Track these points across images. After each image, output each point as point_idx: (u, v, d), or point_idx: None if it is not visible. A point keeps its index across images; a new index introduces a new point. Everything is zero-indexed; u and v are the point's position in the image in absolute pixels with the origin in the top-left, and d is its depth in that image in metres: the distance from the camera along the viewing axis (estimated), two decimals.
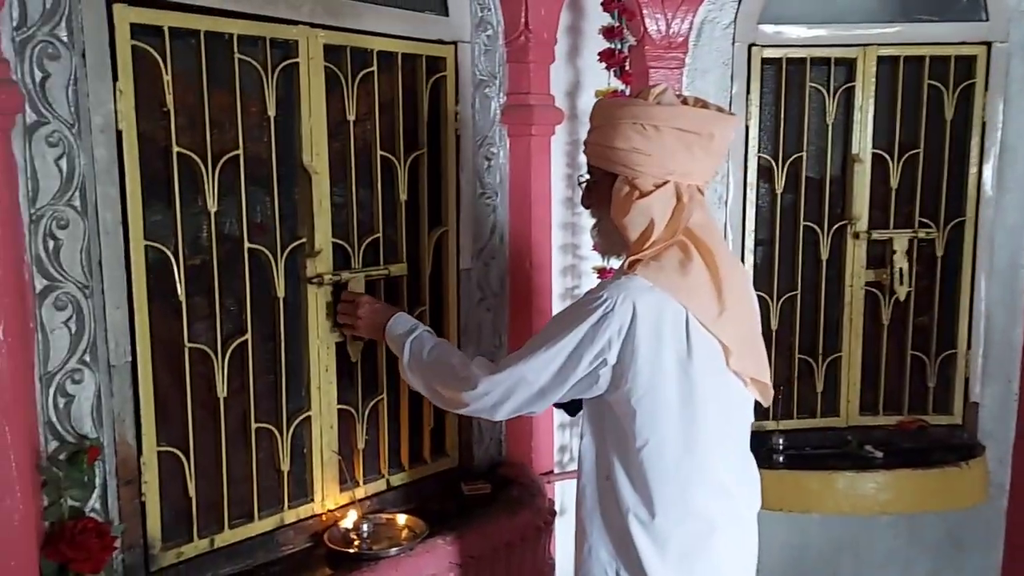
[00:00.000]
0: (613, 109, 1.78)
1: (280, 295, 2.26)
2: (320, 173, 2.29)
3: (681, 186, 1.73)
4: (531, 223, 2.86)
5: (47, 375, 1.86)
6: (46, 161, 1.82)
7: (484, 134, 2.77)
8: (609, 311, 1.67)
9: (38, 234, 1.82)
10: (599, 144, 1.79)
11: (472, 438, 2.84)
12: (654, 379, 1.67)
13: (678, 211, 1.73)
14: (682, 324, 1.69)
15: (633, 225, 1.73)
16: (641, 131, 1.71)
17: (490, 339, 2.86)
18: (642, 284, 1.68)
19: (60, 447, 1.89)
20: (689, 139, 1.72)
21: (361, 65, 2.40)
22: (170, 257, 2.04)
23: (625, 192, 1.74)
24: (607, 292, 1.69)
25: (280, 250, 2.25)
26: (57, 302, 1.86)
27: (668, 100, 1.74)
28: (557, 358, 1.71)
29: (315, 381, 2.36)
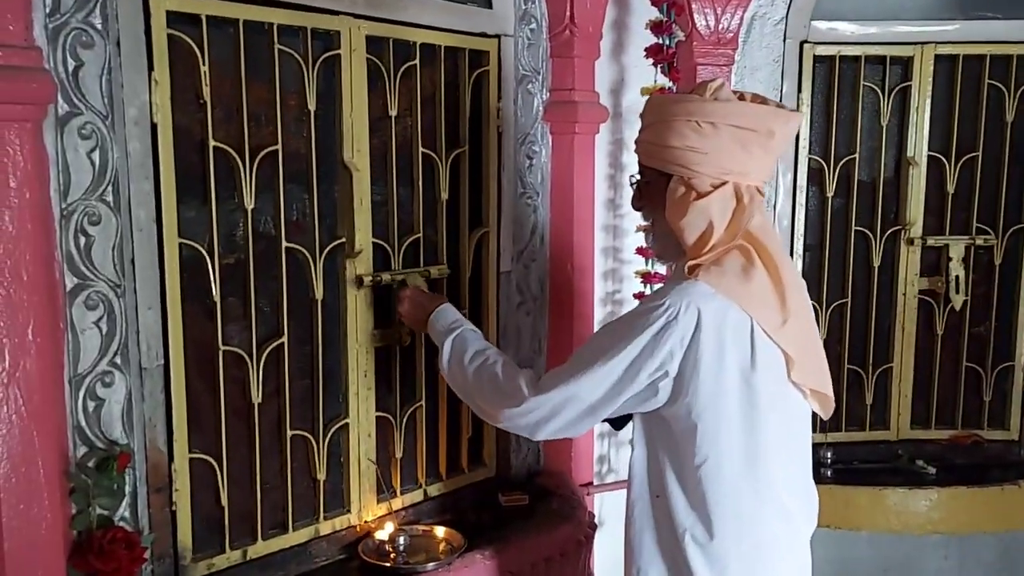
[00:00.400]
0: (667, 105, 1.67)
1: (318, 297, 2.17)
2: (361, 170, 2.19)
3: (740, 187, 1.62)
4: (573, 224, 2.76)
5: (77, 377, 1.78)
6: (78, 154, 1.74)
7: (526, 132, 2.66)
8: (672, 319, 1.56)
9: (69, 230, 1.74)
10: (652, 143, 1.68)
11: (510, 447, 2.74)
12: (717, 391, 1.56)
13: (738, 213, 1.62)
14: (746, 332, 1.58)
15: (691, 227, 1.62)
16: (697, 128, 1.60)
17: (529, 344, 2.75)
18: (705, 290, 1.58)
19: (89, 453, 1.81)
20: (747, 137, 1.61)
21: (403, 58, 2.30)
22: (204, 256, 1.96)
23: (681, 193, 1.63)
24: (669, 299, 1.58)
25: (318, 250, 2.16)
26: (88, 301, 1.78)
27: (725, 96, 1.63)
28: (614, 372, 1.60)
29: (353, 387, 2.26)
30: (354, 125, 2.19)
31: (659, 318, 1.57)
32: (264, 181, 2.05)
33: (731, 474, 1.60)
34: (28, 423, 1.64)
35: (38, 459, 1.66)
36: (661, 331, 1.56)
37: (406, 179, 2.36)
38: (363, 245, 2.21)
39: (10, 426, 1.61)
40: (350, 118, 2.18)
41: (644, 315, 1.60)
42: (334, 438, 2.25)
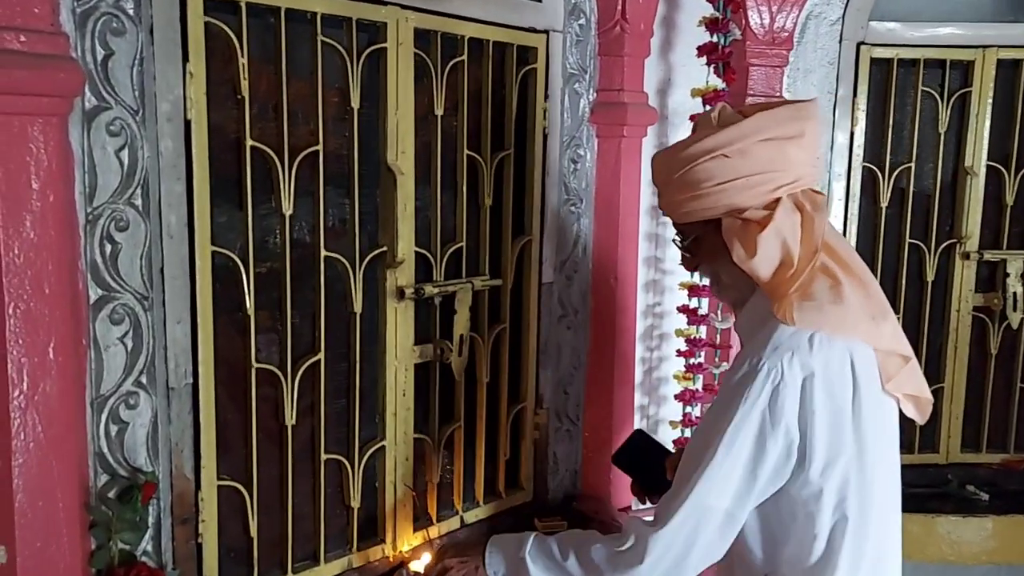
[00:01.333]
0: (678, 156, 1.47)
1: (356, 310, 2.01)
2: (405, 173, 2.03)
3: (796, 196, 1.45)
4: (617, 234, 2.60)
5: (99, 399, 1.61)
6: (106, 153, 1.57)
7: (572, 134, 2.50)
8: (779, 380, 1.36)
9: (94, 236, 1.57)
10: (683, 199, 1.48)
11: (547, 468, 2.58)
12: (837, 443, 1.39)
13: (807, 225, 1.45)
14: (847, 364, 1.42)
15: (766, 261, 1.42)
16: (725, 160, 1.42)
17: (569, 360, 2.60)
18: (802, 336, 1.38)
19: (111, 482, 1.64)
20: (780, 145, 1.44)
21: (451, 53, 2.14)
22: (239, 265, 1.80)
23: (738, 228, 1.44)
24: (765, 358, 1.37)
25: (358, 259, 1.99)
26: (113, 315, 1.61)
27: (731, 116, 1.47)
28: (738, 462, 1.37)
29: (391, 407, 2.10)
30: (399, 124, 2.02)
31: (765, 384, 1.36)
32: (303, 184, 1.89)
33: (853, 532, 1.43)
34: (47, 452, 1.48)
35: (57, 491, 1.50)
36: (774, 396, 1.36)
37: (449, 183, 2.20)
38: (405, 254, 2.05)
39: (27, 455, 1.45)
40: (395, 117, 2.01)
41: (745, 384, 1.38)
42: (369, 462, 2.09)
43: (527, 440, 2.50)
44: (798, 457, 1.38)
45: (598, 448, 2.67)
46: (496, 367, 2.38)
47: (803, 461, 1.38)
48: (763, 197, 1.42)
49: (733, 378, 1.42)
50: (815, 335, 1.38)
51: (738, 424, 1.36)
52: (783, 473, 1.38)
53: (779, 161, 1.43)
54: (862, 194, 2.94)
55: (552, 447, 2.59)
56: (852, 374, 1.41)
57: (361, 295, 2.00)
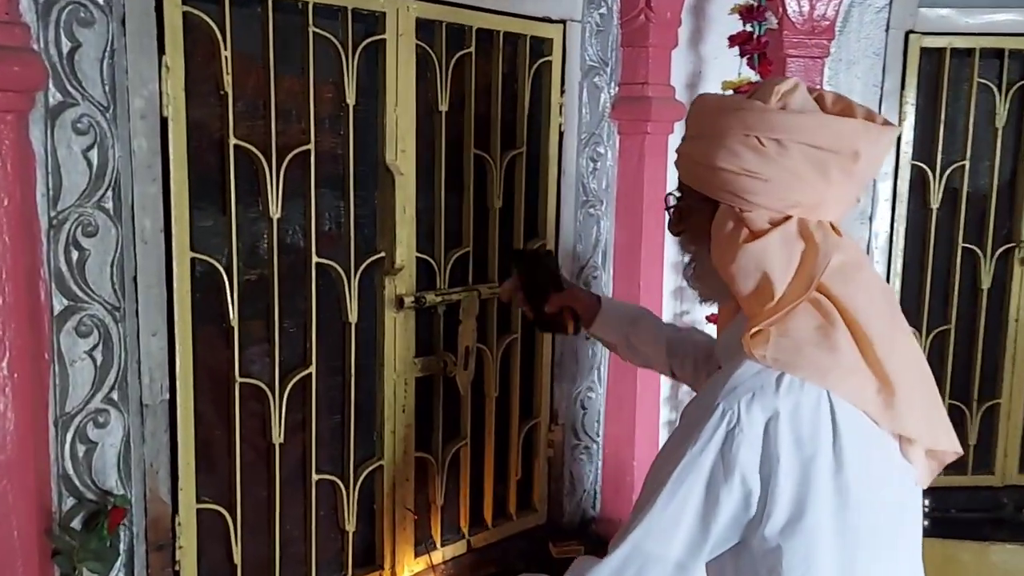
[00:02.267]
0: (718, 115, 1.24)
1: (351, 320, 1.87)
2: (405, 174, 1.89)
3: (808, 223, 1.22)
4: (641, 237, 2.43)
5: (64, 417, 1.50)
6: (72, 152, 1.46)
7: (591, 131, 2.34)
8: (734, 424, 1.16)
9: (59, 242, 1.46)
10: (696, 161, 1.27)
11: (563, 489, 2.43)
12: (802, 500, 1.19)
13: (808, 257, 1.21)
14: (827, 417, 1.20)
15: (742, 276, 1.21)
16: (757, 147, 1.19)
17: (587, 375, 2.43)
18: (767, 376, 1.17)
19: (77, 506, 1.53)
20: (825, 159, 1.20)
21: (456, 46, 2.00)
22: (221, 272, 1.68)
23: (729, 229, 1.23)
24: (721, 398, 1.17)
25: (353, 266, 1.86)
26: (80, 327, 1.50)
27: (798, 103, 1.23)
28: (685, 510, 1.18)
29: (389, 424, 1.97)
30: (399, 122, 1.89)
31: (717, 428, 1.16)
32: (293, 186, 1.76)
33: None
34: (2, 475, 1.37)
35: (12, 519, 1.39)
36: (727, 444, 1.16)
37: (455, 184, 2.06)
38: (405, 260, 1.91)
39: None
40: (394, 114, 1.88)
41: (695, 429, 1.18)
42: (366, 483, 1.96)
43: (540, 458, 2.35)
44: (757, 509, 1.19)
45: (619, 467, 2.51)
46: (506, 381, 2.23)
47: (761, 514, 1.19)
48: (774, 207, 1.20)
49: (691, 416, 1.21)
50: (784, 376, 1.15)
51: (686, 468, 1.16)
52: (741, 524, 1.19)
53: (815, 178, 1.19)
54: (911, 195, 2.73)
55: (568, 466, 2.43)
56: (832, 418, 1.20)
57: (356, 304, 1.87)
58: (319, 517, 1.89)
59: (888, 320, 1.24)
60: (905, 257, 2.75)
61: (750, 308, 1.22)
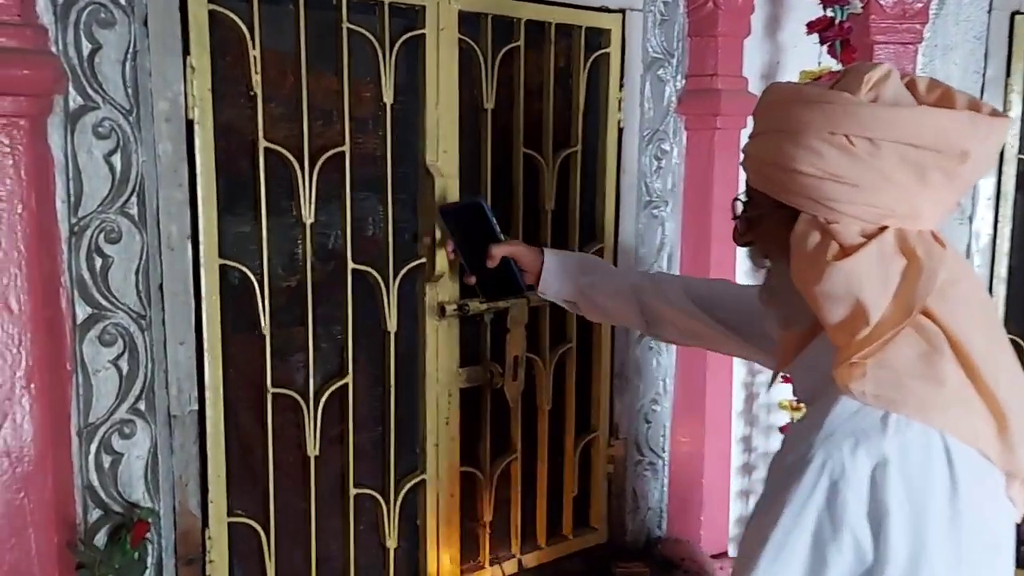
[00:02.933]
0: (797, 108, 1.07)
1: (390, 328, 1.79)
2: (446, 175, 1.79)
3: (908, 234, 1.05)
4: (711, 241, 2.26)
5: (89, 428, 1.47)
6: (93, 157, 1.43)
7: (654, 127, 2.19)
8: (839, 476, 1.01)
9: (80, 250, 1.43)
10: (770, 162, 1.09)
11: (625, 506, 2.29)
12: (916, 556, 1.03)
13: (911, 276, 1.03)
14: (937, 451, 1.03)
15: (830, 299, 1.04)
16: (844, 147, 1.03)
17: (651, 387, 2.29)
18: (870, 417, 1.01)
19: (103, 519, 1.50)
20: (924, 160, 1.03)
21: (504, 39, 1.89)
22: (252, 280, 1.62)
23: (814, 243, 1.05)
24: (818, 445, 1.02)
25: (392, 272, 1.78)
26: (104, 336, 1.47)
27: (892, 94, 1.05)
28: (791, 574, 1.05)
29: (431, 436, 1.88)
30: (440, 121, 1.79)
31: (817, 481, 1.01)
32: (328, 189, 1.69)
33: None
34: (20, 488, 1.35)
35: (30, 530, 1.36)
36: (831, 498, 1.01)
37: (503, 186, 1.95)
38: (446, 266, 1.81)
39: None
40: (435, 113, 1.79)
41: (794, 485, 1.03)
42: (408, 498, 1.87)
43: (599, 474, 2.21)
44: (872, 558, 1.03)
45: (687, 485, 2.35)
46: (560, 392, 2.11)
47: (874, 566, 1.03)
48: (864, 217, 1.03)
49: (781, 465, 1.06)
50: (890, 416, 0.99)
51: (785, 531, 1.01)
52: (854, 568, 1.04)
53: (910, 182, 1.03)
54: (1017, 192, 2.46)
55: (631, 483, 2.29)
56: (947, 461, 1.03)
57: (396, 312, 1.79)
58: (358, 532, 1.82)
59: (989, 337, 1.07)
60: (1011, 260, 2.48)
61: (839, 336, 1.05)
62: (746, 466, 2.48)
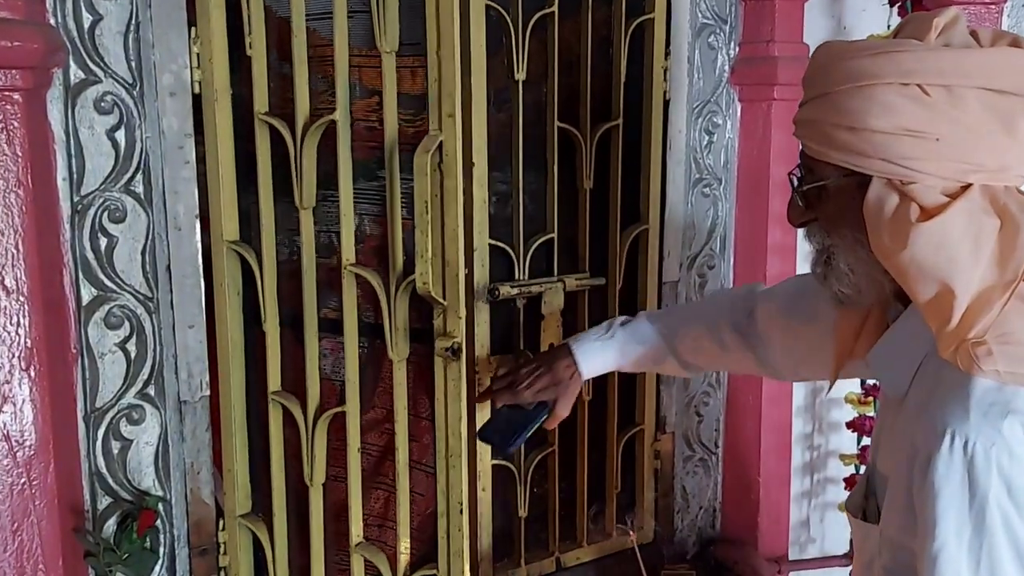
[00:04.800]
0: (857, 61, 0.97)
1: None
2: (476, 150, 1.69)
3: (997, 192, 0.95)
4: (767, 221, 2.10)
5: (96, 413, 1.44)
6: (95, 133, 1.38)
7: (704, 99, 2.04)
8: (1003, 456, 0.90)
9: (83, 229, 1.39)
10: (834, 124, 0.99)
11: (673, 503, 2.15)
12: None
13: (1007, 238, 0.93)
14: None
15: (919, 268, 0.94)
16: (919, 98, 0.93)
17: (703, 378, 2.14)
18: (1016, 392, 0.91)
19: (113, 506, 1.47)
20: (1010, 108, 0.94)
21: (536, 5, 1.77)
22: (265, 262, 1.56)
23: (893, 207, 0.95)
24: (976, 433, 0.91)
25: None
26: (110, 318, 1.43)
27: (963, 39, 0.96)
28: None
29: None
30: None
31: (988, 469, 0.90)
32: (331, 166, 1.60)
33: None
34: (22, 472, 1.31)
35: (33, 519, 1.33)
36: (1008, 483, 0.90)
37: (536, 163, 1.83)
38: (474, 248, 1.71)
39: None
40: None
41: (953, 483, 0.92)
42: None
43: (645, 470, 2.08)
44: None
45: (742, 483, 2.20)
46: (602, 383, 1.98)
47: None
48: (947, 174, 0.94)
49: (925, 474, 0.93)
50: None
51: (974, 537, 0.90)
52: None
53: (997, 131, 0.94)
54: None
55: (680, 479, 2.15)
56: None
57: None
58: (378, 528, 1.74)
59: None
60: None
61: (935, 312, 0.94)
62: (808, 465, 2.31)
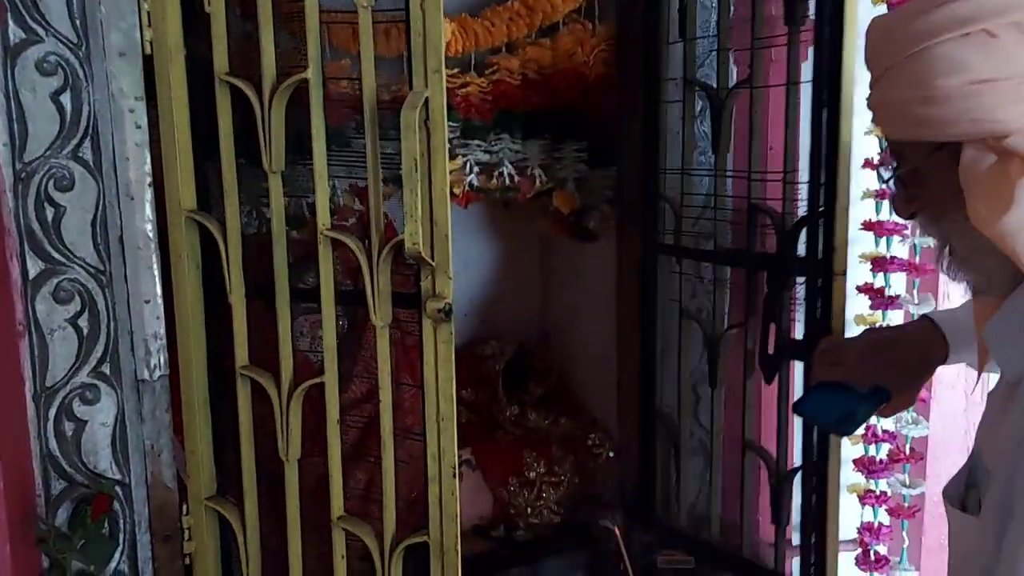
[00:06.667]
0: (910, 26, 0.89)
1: None
2: None
3: None
4: None
5: (46, 392, 1.37)
6: (38, 96, 1.31)
7: None
8: None
9: (28, 198, 1.32)
10: (907, 100, 0.91)
11: (670, 488, 2.06)
12: None
13: None
14: None
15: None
16: (986, 43, 0.85)
17: (697, 358, 2.04)
18: None
19: (68, 490, 1.39)
20: None
21: None
22: (227, 233, 1.47)
23: (989, 167, 0.87)
24: None
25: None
26: (58, 293, 1.35)
27: None
28: None
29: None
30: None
31: None
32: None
33: None
34: None
35: None
36: None
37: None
38: None
39: None
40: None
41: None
42: None
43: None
44: None
45: (743, 465, 2.10)
46: None
47: None
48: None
49: None
50: None
51: None
52: None
53: None
54: None
55: (677, 462, 2.06)
56: None
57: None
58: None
59: None
60: None
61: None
62: None
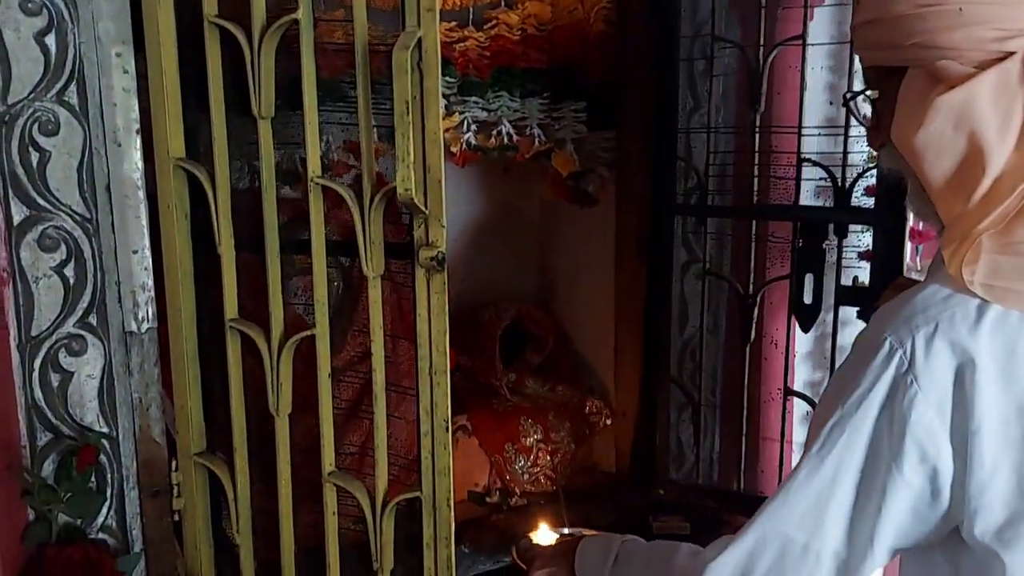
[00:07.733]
0: None
1: None
2: None
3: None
4: None
5: (32, 342, 1.34)
6: (21, 36, 1.27)
7: None
8: (904, 367, 0.80)
9: (12, 141, 1.29)
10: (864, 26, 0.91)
11: (668, 454, 2.04)
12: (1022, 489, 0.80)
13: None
14: None
15: (934, 149, 0.82)
16: None
17: (697, 319, 2.01)
18: (962, 304, 0.80)
19: (54, 442, 1.37)
20: None
21: None
22: (219, 182, 1.44)
23: (917, 88, 0.84)
24: (889, 330, 0.82)
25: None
26: (44, 240, 1.32)
27: None
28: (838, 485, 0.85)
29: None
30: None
31: (882, 372, 0.81)
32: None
33: None
34: None
35: None
36: (892, 393, 0.81)
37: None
38: None
39: None
40: None
41: (853, 373, 0.85)
42: None
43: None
44: (950, 498, 0.82)
45: (742, 433, 2.08)
46: None
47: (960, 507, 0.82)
48: (982, 45, 0.81)
49: (852, 351, 0.88)
50: (990, 306, 0.78)
51: (838, 428, 0.84)
52: (928, 518, 0.84)
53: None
54: None
55: (675, 429, 2.04)
56: None
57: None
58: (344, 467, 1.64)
59: None
60: None
61: (949, 203, 0.84)
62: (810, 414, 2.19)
